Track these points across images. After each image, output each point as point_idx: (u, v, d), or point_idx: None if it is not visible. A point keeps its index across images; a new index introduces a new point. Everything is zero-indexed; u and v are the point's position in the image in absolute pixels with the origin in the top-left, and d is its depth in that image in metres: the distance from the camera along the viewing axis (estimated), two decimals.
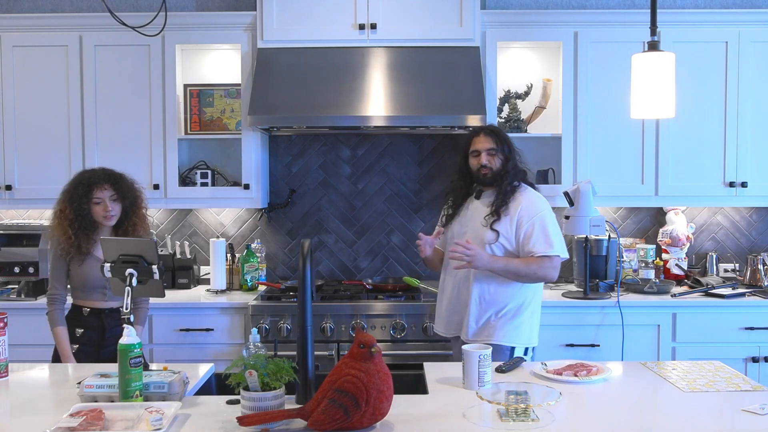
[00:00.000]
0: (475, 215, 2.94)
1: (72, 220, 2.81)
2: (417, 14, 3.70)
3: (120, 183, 2.88)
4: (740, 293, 3.63)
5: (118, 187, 2.87)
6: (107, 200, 2.84)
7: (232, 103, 4.03)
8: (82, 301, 2.90)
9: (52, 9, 4.12)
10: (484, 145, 2.93)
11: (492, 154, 2.91)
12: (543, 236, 2.83)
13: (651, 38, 2.40)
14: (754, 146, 3.77)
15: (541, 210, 2.88)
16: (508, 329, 2.86)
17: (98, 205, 2.83)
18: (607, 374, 2.27)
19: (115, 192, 2.86)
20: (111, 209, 2.83)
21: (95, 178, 2.86)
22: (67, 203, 2.84)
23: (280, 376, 1.86)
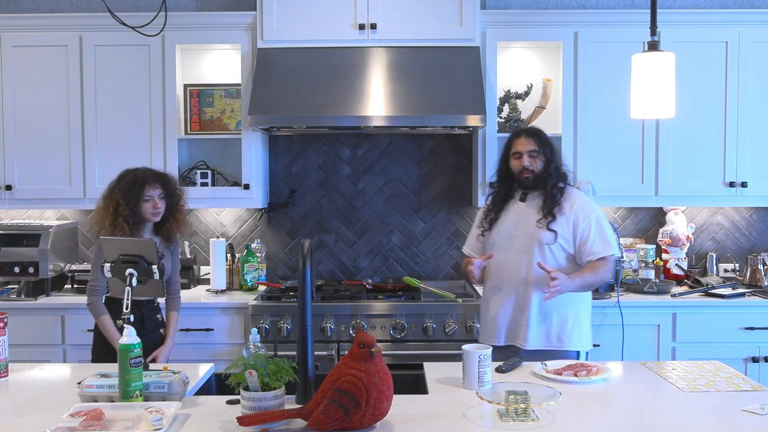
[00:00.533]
0: (524, 217, 2.87)
1: (126, 216, 2.90)
2: (417, 14, 3.70)
3: (168, 182, 3.03)
4: (740, 293, 3.63)
5: (166, 186, 3.01)
6: (156, 198, 2.96)
7: (232, 103, 4.03)
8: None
9: (52, 9, 4.12)
10: (525, 146, 2.88)
11: (534, 156, 2.86)
12: (600, 236, 2.81)
13: (651, 38, 2.40)
14: (754, 146, 3.77)
15: (595, 209, 2.87)
16: (574, 334, 2.83)
17: (148, 203, 2.94)
18: (607, 374, 2.27)
19: (163, 190, 2.99)
20: (159, 206, 2.96)
21: (147, 176, 2.99)
22: (123, 200, 2.92)
23: (280, 376, 1.86)
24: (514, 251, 2.86)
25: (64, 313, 3.57)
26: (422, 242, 4.15)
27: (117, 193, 2.97)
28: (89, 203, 3.84)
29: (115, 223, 2.91)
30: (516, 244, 2.86)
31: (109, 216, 2.94)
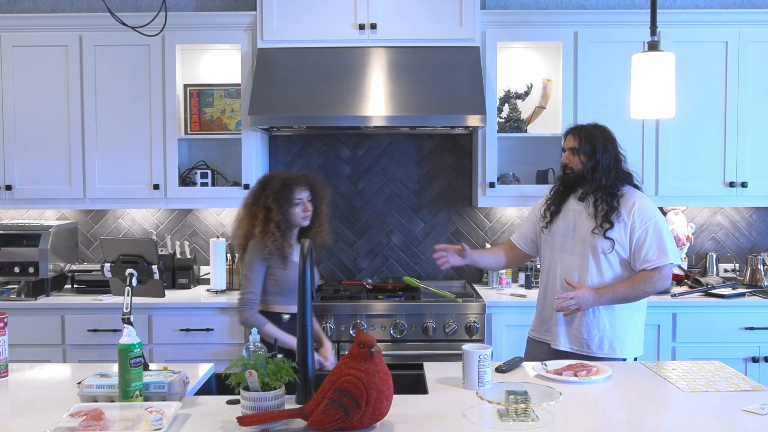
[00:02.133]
0: (579, 219, 2.79)
1: (279, 221, 2.81)
2: (417, 14, 3.70)
3: (315, 184, 2.92)
4: (740, 293, 3.63)
5: (314, 188, 2.90)
6: (306, 201, 2.86)
7: (232, 103, 4.03)
8: (281, 306, 2.87)
9: (52, 9, 4.12)
10: (569, 143, 2.85)
11: (574, 153, 2.82)
12: (657, 243, 2.68)
13: (651, 38, 2.40)
14: (754, 146, 3.77)
15: (654, 215, 2.74)
16: (615, 341, 2.75)
17: (298, 206, 2.84)
18: (606, 374, 2.27)
19: (311, 193, 2.89)
20: (309, 209, 2.86)
21: (295, 179, 2.87)
22: (274, 205, 2.81)
23: (280, 376, 1.86)
24: (567, 253, 2.80)
25: (64, 313, 3.57)
26: (422, 242, 4.15)
27: (266, 198, 2.84)
28: (89, 203, 3.85)
29: (266, 229, 2.80)
30: (570, 246, 2.80)
31: (259, 223, 2.82)
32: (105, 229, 4.16)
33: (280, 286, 2.87)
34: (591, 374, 2.25)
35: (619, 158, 2.83)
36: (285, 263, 2.86)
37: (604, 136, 2.83)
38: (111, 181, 3.81)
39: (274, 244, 2.80)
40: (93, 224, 4.16)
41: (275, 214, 2.80)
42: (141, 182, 3.81)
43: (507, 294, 3.75)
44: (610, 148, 2.81)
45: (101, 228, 4.16)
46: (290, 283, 2.85)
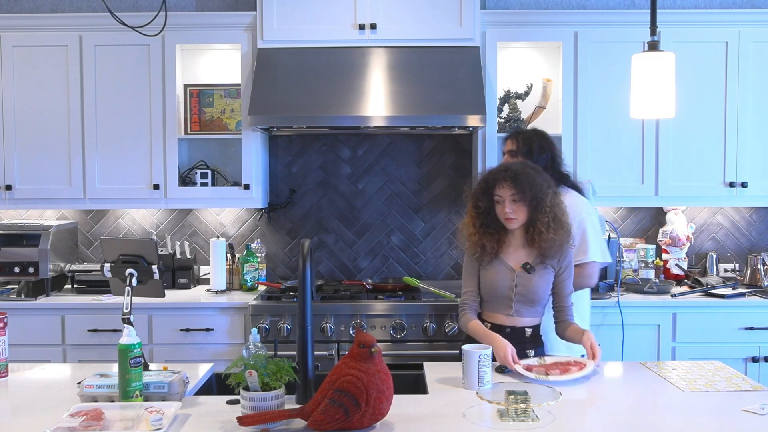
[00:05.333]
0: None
1: (475, 215, 2.54)
2: (417, 14, 3.70)
3: (520, 180, 2.45)
4: (740, 293, 3.63)
5: (519, 185, 2.44)
6: (507, 200, 2.46)
7: (232, 103, 4.03)
8: (486, 313, 2.61)
9: (52, 9, 4.12)
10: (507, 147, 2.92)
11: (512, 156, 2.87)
12: (579, 241, 2.72)
13: (651, 38, 2.40)
14: (754, 146, 3.77)
15: (582, 213, 2.79)
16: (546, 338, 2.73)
17: (499, 205, 2.49)
18: (579, 374, 2.24)
19: (516, 191, 2.45)
20: (509, 210, 2.46)
21: (497, 173, 2.51)
22: (472, 196, 2.57)
23: (280, 376, 1.86)
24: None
25: (64, 313, 3.57)
26: (422, 242, 4.15)
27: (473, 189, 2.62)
28: (89, 203, 3.85)
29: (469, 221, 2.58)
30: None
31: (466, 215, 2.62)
32: (105, 229, 4.16)
33: (484, 287, 2.60)
34: (564, 374, 2.24)
35: (557, 160, 2.92)
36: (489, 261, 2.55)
37: (541, 139, 2.95)
38: (111, 181, 3.81)
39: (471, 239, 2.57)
40: (93, 224, 4.17)
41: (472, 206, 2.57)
42: (141, 182, 3.81)
43: None
44: (546, 149, 2.91)
45: (101, 228, 4.16)
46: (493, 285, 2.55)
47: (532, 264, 2.50)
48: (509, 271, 2.52)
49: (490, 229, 2.52)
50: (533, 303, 2.52)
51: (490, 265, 2.54)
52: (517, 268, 2.52)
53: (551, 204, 2.45)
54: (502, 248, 2.54)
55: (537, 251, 2.49)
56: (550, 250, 2.46)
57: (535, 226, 2.45)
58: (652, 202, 3.83)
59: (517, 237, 2.53)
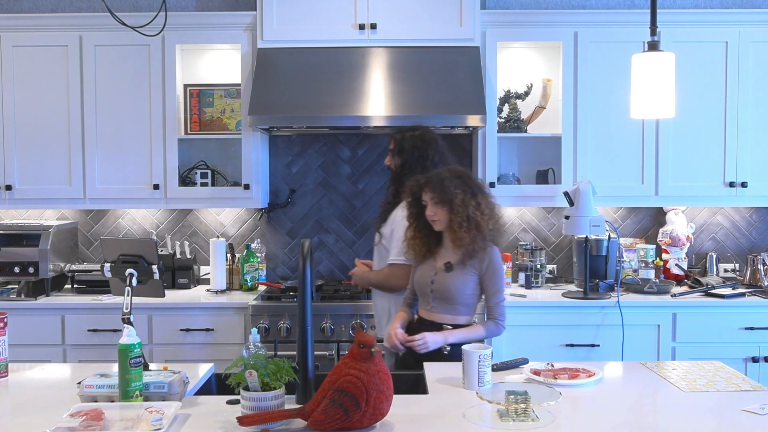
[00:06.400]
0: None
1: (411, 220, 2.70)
2: (417, 14, 3.70)
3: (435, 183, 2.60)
4: (740, 293, 3.63)
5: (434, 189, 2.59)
6: (429, 203, 2.61)
7: (232, 103, 4.03)
8: (419, 308, 2.76)
9: (52, 9, 4.12)
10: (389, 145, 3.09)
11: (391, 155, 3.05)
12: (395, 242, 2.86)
13: (651, 38, 2.40)
14: (754, 146, 3.77)
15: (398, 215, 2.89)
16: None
17: (426, 208, 2.62)
18: (592, 379, 2.25)
19: (434, 194, 2.59)
20: (430, 212, 2.60)
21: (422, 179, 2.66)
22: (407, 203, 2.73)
23: (280, 376, 1.86)
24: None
25: (64, 313, 3.57)
26: None
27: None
28: (89, 203, 3.85)
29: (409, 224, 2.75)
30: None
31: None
32: (105, 229, 4.16)
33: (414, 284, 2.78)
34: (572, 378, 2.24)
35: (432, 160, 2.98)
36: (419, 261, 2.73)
37: (416, 138, 3.00)
38: (111, 181, 3.81)
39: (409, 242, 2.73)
40: (93, 224, 4.16)
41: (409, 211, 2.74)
42: (141, 182, 3.81)
43: (507, 294, 3.73)
44: (420, 148, 2.98)
45: (101, 228, 4.16)
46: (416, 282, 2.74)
47: (453, 264, 2.60)
48: (431, 270, 2.65)
49: (424, 232, 2.67)
50: (449, 301, 2.61)
51: (422, 264, 2.71)
52: (440, 267, 2.63)
53: (464, 205, 2.55)
54: (436, 249, 2.69)
55: (461, 251, 2.58)
56: (466, 248, 2.55)
57: (452, 226, 2.57)
58: (652, 202, 3.83)
59: (447, 238, 2.65)
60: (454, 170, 2.67)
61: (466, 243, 2.54)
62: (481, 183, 2.72)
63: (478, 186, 2.66)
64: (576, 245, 3.86)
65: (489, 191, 2.71)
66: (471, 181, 2.65)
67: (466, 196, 2.57)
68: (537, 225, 4.14)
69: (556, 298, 3.64)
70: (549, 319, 3.52)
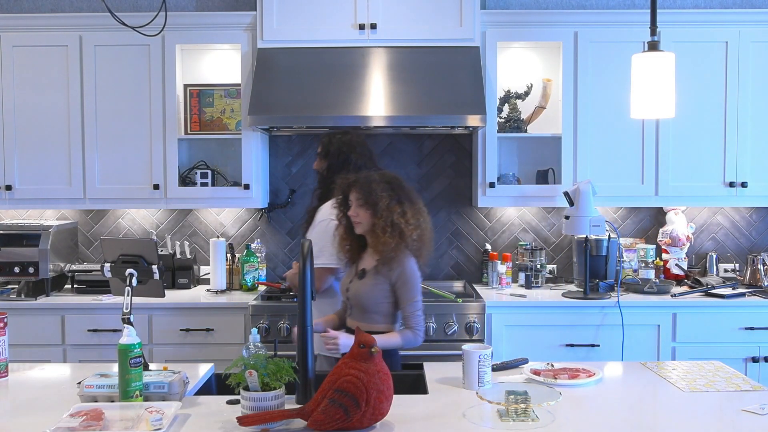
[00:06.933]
0: None
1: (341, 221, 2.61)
2: (417, 14, 3.70)
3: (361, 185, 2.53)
4: (740, 293, 3.63)
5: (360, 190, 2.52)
6: (354, 204, 2.53)
7: (232, 103, 4.03)
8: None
9: (52, 9, 4.12)
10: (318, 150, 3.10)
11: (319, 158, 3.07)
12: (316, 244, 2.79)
13: (651, 38, 2.40)
14: (754, 146, 3.77)
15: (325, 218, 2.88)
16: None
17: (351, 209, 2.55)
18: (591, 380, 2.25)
19: (359, 196, 2.52)
20: (353, 214, 2.53)
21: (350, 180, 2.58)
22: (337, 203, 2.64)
23: (280, 376, 1.86)
24: None
25: (64, 313, 3.57)
26: None
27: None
28: (89, 203, 3.85)
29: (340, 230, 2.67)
30: None
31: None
32: (105, 229, 4.16)
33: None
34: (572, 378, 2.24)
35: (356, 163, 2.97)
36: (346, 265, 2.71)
37: (342, 143, 3.03)
38: (111, 181, 3.81)
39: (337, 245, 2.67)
40: (93, 224, 4.16)
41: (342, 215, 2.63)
42: (141, 182, 3.81)
43: (507, 294, 3.75)
44: (344, 152, 3.00)
45: (101, 228, 4.16)
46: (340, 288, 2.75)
47: (367, 271, 2.54)
48: (349, 275, 2.61)
49: (351, 234, 2.59)
50: (363, 309, 2.53)
51: (349, 267, 2.67)
52: (355, 274, 2.58)
53: (389, 210, 2.47)
54: (362, 254, 2.62)
55: (378, 258, 2.50)
56: (384, 254, 2.47)
57: (374, 230, 2.49)
58: (652, 202, 3.83)
59: (369, 242, 2.56)
60: (385, 175, 2.59)
61: (388, 249, 2.46)
62: (412, 192, 2.60)
63: (408, 194, 2.56)
64: (576, 245, 3.86)
65: (420, 202, 2.60)
66: (401, 188, 2.55)
67: (392, 201, 2.49)
68: (537, 225, 4.14)
69: (556, 298, 3.64)
70: (549, 319, 3.52)
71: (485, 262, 4.02)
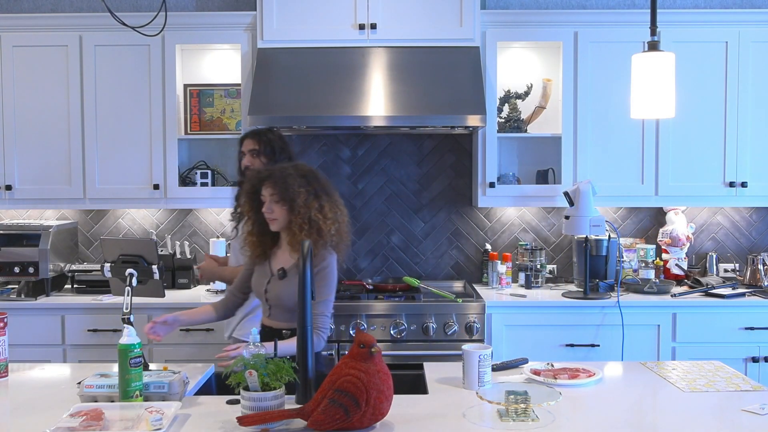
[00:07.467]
0: None
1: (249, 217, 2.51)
2: (417, 14, 3.70)
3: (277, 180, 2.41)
4: (740, 293, 3.63)
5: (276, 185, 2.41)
6: (268, 200, 2.42)
7: (232, 103, 4.03)
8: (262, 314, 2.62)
9: (52, 9, 4.12)
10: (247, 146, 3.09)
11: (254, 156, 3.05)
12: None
13: (651, 38, 2.40)
14: (754, 146, 3.77)
15: None
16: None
17: (264, 205, 2.44)
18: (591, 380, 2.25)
19: (274, 191, 2.41)
20: (267, 210, 2.42)
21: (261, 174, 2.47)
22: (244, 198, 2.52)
23: (280, 376, 1.86)
24: None
25: (64, 313, 3.57)
26: (422, 242, 4.15)
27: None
28: (89, 203, 3.85)
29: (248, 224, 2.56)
30: None
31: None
32: (105, 229, 4.16)
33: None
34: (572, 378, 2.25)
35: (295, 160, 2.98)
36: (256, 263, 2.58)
37: (281, 140, 3.09)
38: (111, 181, 3.81)
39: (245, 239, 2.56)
40: (93, 224, 4.16)
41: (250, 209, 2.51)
42: (141, 182, 3.81)
43: (507, 294, 3.75)
44: (286, 151, 3.05)
45: (101, 228, 4.16)
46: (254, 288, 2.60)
47: (287, 269, 2.46)
48: (265, 276, 2.50)
49: (258, 231, 2.49)
50: (286, 308, 2.45)
51: (258, 266, 2.55)
52: (274, 272, 2.48)
53: (306, 206, 2.39)
54: (273, 250, 2.53)
55: (297, 254, 2.40)
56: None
57: (291, 227, 2.41)
58: (652, 202, 3.83)
59: (284, 240, 2.48)
60: (300, 167, 2.48)
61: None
62: (329, 184, 2.50)
63: (323, 187, 2.47)
64: (576, 245, 3.86)
65: (335, 194, 2.50)
66: (317, 181, 2.46)
67: (310, 196, 2.40)
68: (537, 225, 4.14)
69: (556, 298, 3.64)
70: (549, 319, 3.52)
71: (485, 262, 4.02)
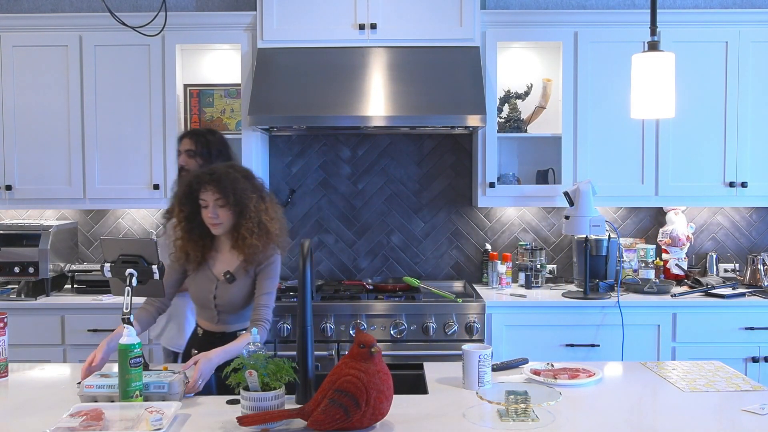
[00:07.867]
0: None
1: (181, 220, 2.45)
2: (417, 14, 3.70)
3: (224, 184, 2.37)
4: (740, 293, 3.62)
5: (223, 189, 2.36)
6: (212, 204, 2.38)
7: (232, 103, 4.03)
8: (199, 318, 2.58)
9: (52, 9, 4.12)
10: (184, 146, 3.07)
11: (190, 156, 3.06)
12: None
13: (651, 38, 2.40)
14: (754, 146, 3.77)
15: None
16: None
17: (204, 209, 2.40)
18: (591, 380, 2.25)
19: (220, 195, 2.37)
20: (212, 215, 2.39)
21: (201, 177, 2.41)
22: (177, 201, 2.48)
23: (280, 376, 1.86)
24: None
25: (64, 313, 3.57)
26: (422, 242, 4.15)
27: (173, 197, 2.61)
28: (89, 203, 3.85)
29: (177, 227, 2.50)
30: None
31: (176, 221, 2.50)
32: (105, 229, 4.16)
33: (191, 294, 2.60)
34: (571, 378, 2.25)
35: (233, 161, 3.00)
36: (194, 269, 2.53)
37: (219, 142, 3.08)
38: (111, 181, 3.81)
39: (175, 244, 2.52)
40: (93, 224, 4.16)
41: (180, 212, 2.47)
42: (141, 182, 3.81)
43: (507, 294, 3.75)
44: (224, 152, 3.05)
45: (101, 228, 4.16)
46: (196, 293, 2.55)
47: (233, 272, 2.44)
48: (211, 281, 2.47)
49: (195, 235, 2.44)
50: (238, 310, 2.47)
51: (196, 272, 2.50)
52: (220, 277, 2.45)
53: (256, 209, 2.38)
54: (210, 254, 2.49)
55: (242, 257, 2.41)
56: (254, 256, 2.39)
57: (240, 231, 2.38)
58: (652, 202, 3.83)
59: (225, 242, 2.46)
60: (240, 170, 2.45)
61: (257, 251, 2.37)
62: (262, 182, 2.50)
63: (262, 187, 2.47)
64: (576, 245, 3.86)
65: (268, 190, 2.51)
66: (256, 181, 2.45)
67: (258, 200, 2.40)
68: (537, 225, 4.14)
69: (556, 298, 3.64)
70: (549, 319, 3.52)
71: (485, 262, 4.02)
